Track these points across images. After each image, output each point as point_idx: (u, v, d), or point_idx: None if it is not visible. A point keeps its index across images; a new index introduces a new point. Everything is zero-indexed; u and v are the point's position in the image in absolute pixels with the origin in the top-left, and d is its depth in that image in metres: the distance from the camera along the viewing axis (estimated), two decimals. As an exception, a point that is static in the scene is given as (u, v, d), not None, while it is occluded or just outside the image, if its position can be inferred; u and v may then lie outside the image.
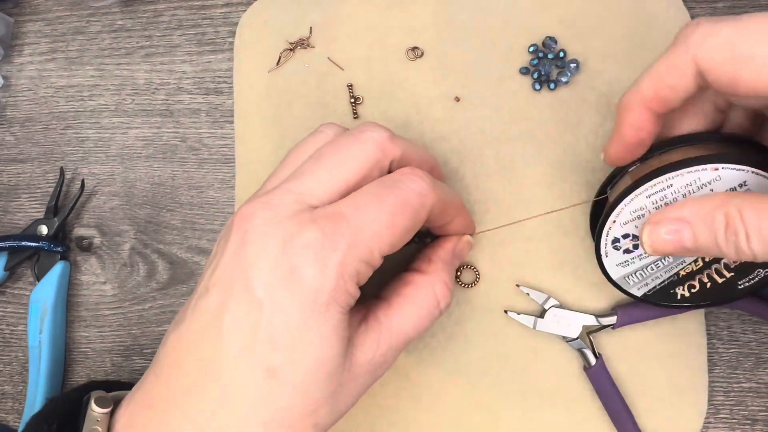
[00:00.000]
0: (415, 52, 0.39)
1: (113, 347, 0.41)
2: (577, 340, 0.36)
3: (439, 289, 0.31)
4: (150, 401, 0.27)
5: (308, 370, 0.26)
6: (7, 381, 0.42)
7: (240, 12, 0.41)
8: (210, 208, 0.41)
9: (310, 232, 0.26)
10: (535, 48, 0.38)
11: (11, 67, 0.43)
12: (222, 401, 0.26)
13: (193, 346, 0.27)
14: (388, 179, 0.28)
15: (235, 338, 0.26)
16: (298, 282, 0.26)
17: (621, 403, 0.36)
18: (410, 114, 0.39)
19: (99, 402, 0.28)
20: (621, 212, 0.31)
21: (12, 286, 0.42)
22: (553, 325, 0.37)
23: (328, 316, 0.26)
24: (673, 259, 0.31)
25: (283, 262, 0.26)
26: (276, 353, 0.26)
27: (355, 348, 0.28)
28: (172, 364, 0.27)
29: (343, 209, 0.27)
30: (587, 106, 0.38)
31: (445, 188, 0.31)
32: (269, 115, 0.40)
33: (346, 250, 0.26)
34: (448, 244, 0.33)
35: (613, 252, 0.32)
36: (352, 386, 0.28)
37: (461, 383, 0.37)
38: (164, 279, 0.41)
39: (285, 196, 0.27)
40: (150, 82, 0.42)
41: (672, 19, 0.38)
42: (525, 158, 0.38)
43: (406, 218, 0.28)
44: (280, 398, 0.26)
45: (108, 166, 0.42)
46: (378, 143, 0.29)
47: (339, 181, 0.28)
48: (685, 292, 0.33)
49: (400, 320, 0.29)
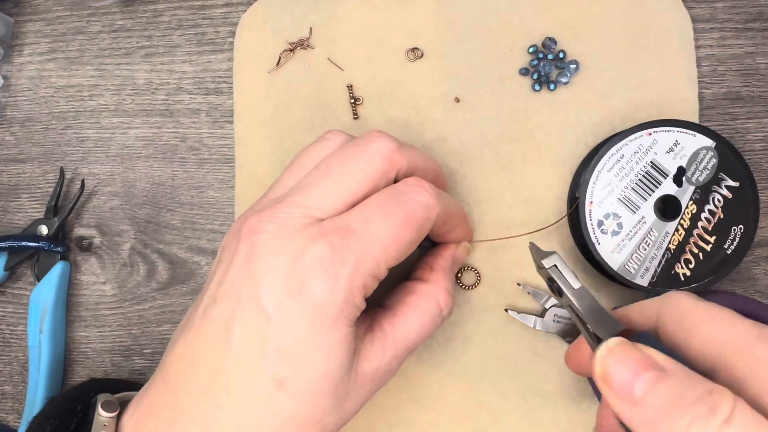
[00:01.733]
0: (415, 52, 0.39)
1: (113, 347, 0.41)
2: None
3: (441, 296, 0.31)
4: (157, 408, 0.28)
5: (316, 381, 0.26)
6: (7, 381, 0.42)
7: (240, 12, 0.41)
8: (210, 208, 0.41)
9: (318, 247, 0.26)
10: (535, 49, 0.38)
11: (11, 67, 0.43)
12: (230, 410, 0.26)
13: (202, 356, 0.27)
14: (394, 191, 0.28)
15: (243, 349, 0.26)
16: (307, 296, 0.26)
17: None
18: (410, 115, 0.39)
19: (106, 406, 0.29)
20: (593, 192, 0.35)
21: (12, 286, 0.42)
22: (553, 325, 0.37)
23: (336, 329, 0.26)
24: (658, 233, 0.35)
25: (292, 277, 0.26)
26: (284, 365, 0.26)
27: (361, 358, 0.28)
28: (180, 371, 0.27)
29: (351, 223, 0.27)
30: (587, 107, 0.38)
31: (448, 199, 0.31)
32: (269, 115, 0.40)
33: (354, 265, 0.26)
34: (447, 251, 0.34)
35: (602, 237, 0.35)
36: (358, 395, 0.28)
37: (461, 384, 0.37)
38: (164, 279, 0.41)
39: (292, 209, 0.27)
40: (150, 82, 0.42)
41: (672, 20, 0.38)
42: (525, 159, 0.38)
43: (412, 231, 0.28)
44: (288, 408, 0.26)
45: (108, 166, 0.42)
46: (385, 155, 0.29)
47: (346, 194, 0.28)
48: (686, 270, 0.34)
49: (404, 329, 0.30)
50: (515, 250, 0.38)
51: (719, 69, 0.39)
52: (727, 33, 0.39)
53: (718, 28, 0.39)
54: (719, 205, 0.35)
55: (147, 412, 0.28)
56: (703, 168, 0.35)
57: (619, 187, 0.35)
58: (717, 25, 0.39)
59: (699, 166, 0.35)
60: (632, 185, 0.35)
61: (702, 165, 0.35)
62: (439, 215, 0.29)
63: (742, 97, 0.39)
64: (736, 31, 0.39)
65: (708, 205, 0.35)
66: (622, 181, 0.35)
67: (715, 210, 0.35)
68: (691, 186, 0.35)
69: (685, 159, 0.35)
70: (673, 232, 0.35)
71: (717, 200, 0.35)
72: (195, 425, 0.26)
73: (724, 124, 0.39)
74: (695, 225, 0.35)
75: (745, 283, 0.38)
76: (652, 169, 0.35)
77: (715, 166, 0.35)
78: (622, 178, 0.35)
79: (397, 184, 0.29)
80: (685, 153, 0.35)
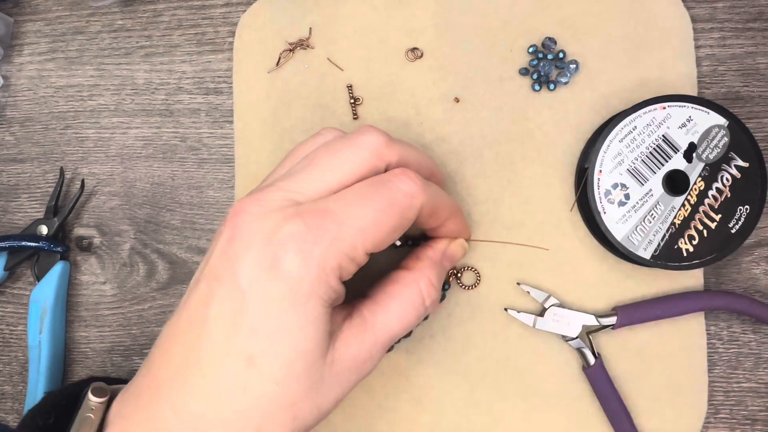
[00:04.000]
0: (415, 52, 0.39)
1: (113, 347, 0.41)
2: (576, 340, 0.36)
3: (424, 285, 0.31)
4: (139, 391, 0.28)
5: (286, 361, 0.26)
6: (7, 381, 0.42)
7: (240, 12, 0.41)
8: (210, 208, 0.41)
9: (292, 225, 0.26)
10: (535, 49, 0.38)
11: (11, 67, 0.43)
12: (202, 388, 0.26)
13: (180, 336, 0.27)
14: (378, 179, 0.29)
15: (217, 327, 0.26)
16: (280, 272, 0.26)
17: (619, 403, 0.36)
18: (410, 115, 0.39)
19: (96, 392, 0.29)
20: (603, 161, 0.35)
21: (12, 286, 0.42)
22: (552, 324, 0.37)
23: (309, 308, 0.26)
24: (665, 207, 0.35)
25: (266, 253, 0.26)
26: (255, 341, 0.26)
27: (337, 343, 0.28)
28: (161, 354, 0.28)
29: (329, 205, 0.27)
30: (587, 107, 0.38)
31: (437, 190, 0.31)
32: (269, 115, 0.40)
33: (328, 244, 0.26)
34: (438, 244, 0.34)
35: (609, 207, 0.35)
36: (335, 382, 0.28)
37: (461, 384, 0.37)
38: (164, 279, 0.41)
39: (275, 193, 0.28)
40: (150, 82, 0.42)
41: (671, 19, 0.38)
42: (525, 159, 0.38)
43: (392, 216, 0.28)
44: (259, 387, 0.26)
45: (108, 166, 0.42)
46: (373, 148, 0.29)
47: (330, 182, 0.28)
48: (689, 246, 0.35)
49: (384, 317, 0.30)
50: (515, 250, 0.38)
51: (719, 69, 0.39)
52: (727, 33, 0.39)
53: (718, 28, 0.39)
54: (727, 184, 0.35)
55: (130, 395, 0.28)
56: (714, 146, 0.35)
57: (629, 158, 0.35)
58: (717, 25, 0.39)
59: (710, 144, 0.35)
60: (642, 157, 0.35)
61: (713, 143, 0.35)
62: (424, 205, 0.29)
63: (742, 97, 0.39)
64: (736, 31, 0.39)
65: (716, 183, 0.35)
66: (633, 152, 0.35)
67: (723, 189, 0.35)
68: (701, 163, 0.35)
69: (697, 135, 0.35)
70: (679, 207, 0.35)
71: (726, 179, 0.35)
72: (169, 405, 0.26)
73: (724, 124, 0.39)
74: (702, 202, 0.35)
75: (745, 283, 0.38)
76: (664, 143, 0.35)
77: (726, 145, 0.35)
78: (633, 149, 0.35)
79: (383, 174, 0.29)
80: (697, 129, 0.35)
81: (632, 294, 0.37)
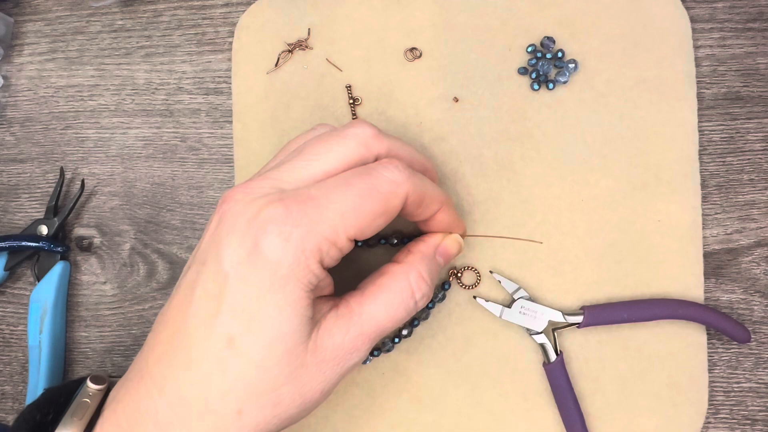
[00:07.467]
0: (414, 52, 0.39)
1: (113, 347, 0.41)
2: (540, 335, 0.37)
3: (414, 278, 0.30)
4: (131, 375, 0.29)
5: (265, 343, 0.26)
6: (7, 381, 0.42)
7: (240, 12, 0.41)
8: (210, 208, 0.41)
9: (274, 209, 0.26)
10: (534, 48, 0.38)
11: (11, 67, 0.43)
12: (186, 368, 0.26)
13: (170, 320, 0.28)
14: (363, 167, 0.29)
15: (201, 308, 0.27)
16: (260, 255, 0.26)
17: (573, 402, 0.36)
18: (409, 115, 0.39)
19: (95, 379, 0.30)
20: None
21: (12, 286, 0.42)
22: (518, 317, 0.37)
23: (287, 291, 0.26)
24: None
25: (248, 236, 0.26)
26: (235, 323, 0.26)
27: (321, 331, 0.28)
28: (152, 338, 0.28)
29: (312, 191, 0.27)
30: (586, 106, 0.38)
31: (424, 180, 0.31)
32: (268, 116, 0.40)
33: (308, 227, 0.26)
34: (431, 238, 0.33)
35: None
36: (318, 371, 0.28)
37: (462, 384, 0.37)
38: (164, 279, 0.41)
39: (263, 182, 0.28)
40: (150, 82, 0.42)
41: (670, 19, 0.38)
42: (524, 158, 0.38)
43: (374, 202, 0.28)
44: (238, 369, 0.26)
45: (108, 166, 0.42)
46: (361, 139, 0.29)
47: (316, 171, 0.28)
48: None
49: (372, 308, 0.29)
50: (515, 250, 0.38)
51: (719, 69, 0.39)
52: (727, 33, 0.39)
53: (718, 28, 0.39)
54: None
55: (123, 380, 0.29)
56: None
57: None
58: (717, 25, 0.39)
59: None
60: None
61: None
62: (410, 193, 0.29)
63: (742, 97, 0.39)
64: (736, 31, 0.39)
65: None
66: None
67: None
68: None
69: None
70: None
71: None
72: (155, 386, 0.27)
73: (724, 124, 0.39)
74: None
75: (745, 283, 0.38)
76: None
77: None
78: None
79: (370, 163, 0.29)
80: None
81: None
